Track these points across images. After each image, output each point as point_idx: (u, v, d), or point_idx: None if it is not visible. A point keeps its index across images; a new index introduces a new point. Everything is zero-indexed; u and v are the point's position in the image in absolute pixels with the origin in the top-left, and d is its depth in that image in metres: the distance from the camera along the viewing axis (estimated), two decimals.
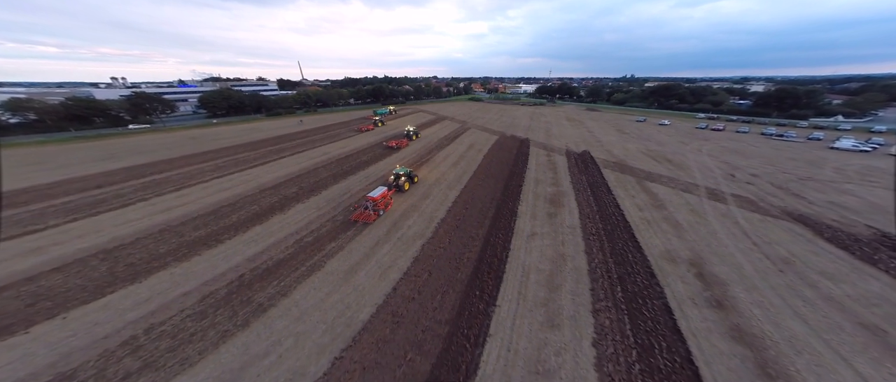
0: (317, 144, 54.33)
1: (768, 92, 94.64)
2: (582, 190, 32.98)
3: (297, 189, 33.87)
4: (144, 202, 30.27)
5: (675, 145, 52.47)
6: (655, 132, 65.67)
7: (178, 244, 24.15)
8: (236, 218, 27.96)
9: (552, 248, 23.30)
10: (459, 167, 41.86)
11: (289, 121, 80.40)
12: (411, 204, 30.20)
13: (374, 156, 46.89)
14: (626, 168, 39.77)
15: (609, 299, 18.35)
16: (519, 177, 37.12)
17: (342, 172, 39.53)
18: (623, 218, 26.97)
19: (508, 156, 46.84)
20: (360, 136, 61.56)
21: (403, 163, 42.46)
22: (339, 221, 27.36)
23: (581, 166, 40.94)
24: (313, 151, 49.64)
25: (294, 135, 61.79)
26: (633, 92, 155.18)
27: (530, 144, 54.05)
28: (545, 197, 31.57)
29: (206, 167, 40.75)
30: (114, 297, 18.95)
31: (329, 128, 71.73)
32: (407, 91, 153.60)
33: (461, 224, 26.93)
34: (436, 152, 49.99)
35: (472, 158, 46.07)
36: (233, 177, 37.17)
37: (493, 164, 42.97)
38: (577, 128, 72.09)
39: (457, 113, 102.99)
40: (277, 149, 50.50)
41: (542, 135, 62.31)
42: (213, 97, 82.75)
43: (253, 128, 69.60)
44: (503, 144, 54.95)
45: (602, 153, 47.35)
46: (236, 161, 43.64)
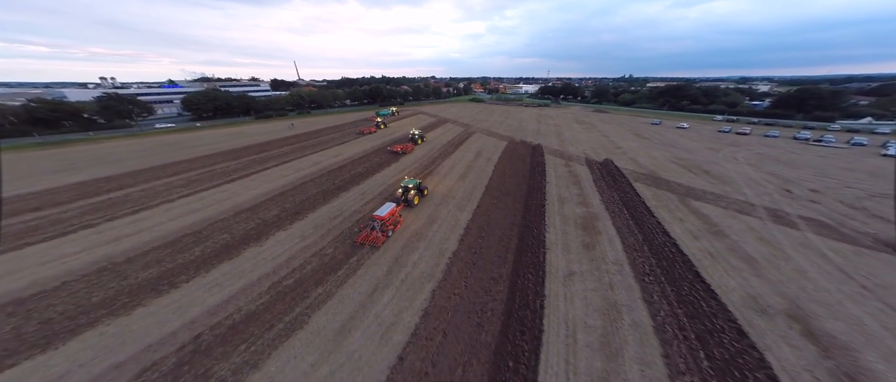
0: (307, 152, 49.16)
1: (788, 92, 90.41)
2: (617, 211, 28.07)
3: (278, 211, 28.73)
4: (90, 229, 25.02)
5: (705, 152, 47.76)
6: (676, 136, 61.02)
7: (118, 289, 19.02)
8: (200, 252, 22.82)
9: (599, 294, 18.39)
10: (469, 180, 36.88)
11: (279, 125, 75.13)
12: (415, 231, 25.17)
13: (372, 166, 41.80)
14: (661, 181, 34.93)
15: (693, 372, 13.57)
16: (539, 194, 32.16)
17: (334, 188, 34.42)
18: (678, 249, 22.07)
19: (522, 166, 41.90)
20: (356, 142, 56.45)
21: (408, 174, 37.49)
22: (327, 256, 22.30)
23: (608, 179, 36.07)
24: (302, 161, 44.47)
25: (283, 141, 56.57)
26: (641, 92, 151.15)
27: (544, 151, 49.16)
28: (575, 221, 26.63)
29: (175, 181, 35.50)
30: (12, 374, 13.90)
31: (322, 132, 66.55)
32: (405, 91, 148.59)
33: (478, 259, 21.95)
34: (440, 161, 44.98)
35: (481, 169, 41.10)
36: (205, 195, 31.95)
37: (506, 176, 38.02)
38: (590, 131, 67.34)
39: (458, 115, 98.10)
40: (262, 158, 45.29)
41: (554, 141, 57.48)
42: (197, 98, 77.36)
43: (238, 133, 64.29)
44: (514, 151, 50.03)
45: (627, 162, 42.53)
46: (212, 173, 38.39)
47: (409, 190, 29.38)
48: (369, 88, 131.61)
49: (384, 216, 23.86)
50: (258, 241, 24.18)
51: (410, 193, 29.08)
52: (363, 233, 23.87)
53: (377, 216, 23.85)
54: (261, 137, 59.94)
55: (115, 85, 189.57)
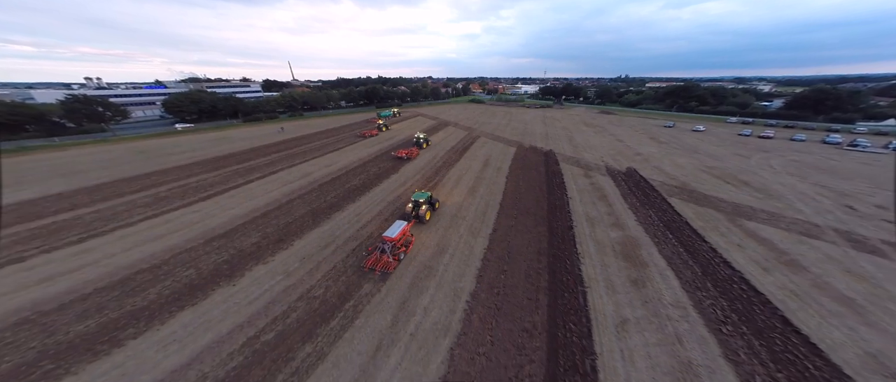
0: (297, 160, 44.74)
1: (803, 93, 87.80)
2: (660, 234, 24.15)
3: (258, 237, 24.38)
4: (18, 265, 20.46)
5: (734, 159, 44.21)
6: (695, 140, 57.57)
7: (39, 352, 14.73)
8: (156, 295, 18.47)
9: (665, 350, 14.51)
10: (479, 195, 32.79)
11: (268, 129, 70.50)
12: (423, 264, 21.00)
13: (369, 178, 37.55)
14: (699, 196, 31.12)
15: None
16: (563, 213, 28.16)
17: (325, 206, 30.12)
18: (750, 286, 18.16)
19: (537, 177, 37.93)
20: (351, 148, 52.11)
21: (417, 187, 33.35)
22: (316, 299, 18.09)
23: (637, 193, 32.19)
24: (291, 172, 40.05)
25: (270, 148, 52.04)
26: (646, 93, 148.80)
27: (558, 159, 45.26)
28: (613, 248, 22.65)
29: (140, 199, 30.93)
30: None
31: (315, 136, 62.07)
32: (403, 92, 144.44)
33: (503, 302, 17.87)
34: (445, 171, 40.84)
35: (492, 180, 37.05)
36: (172, 217, 27.47)
37: (521, 190, 34.00)
38: (602, 135, 63.70)
39: (460, 117, 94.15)
40: (245, 169, 40.79)
41: (566, 146, 53.67)
42: (179, 100, 72.43)
43: (222, 138, 59.60)
44: (525, 159, 46.06)
45: (652, 171, 38.77)
46: (185, 189, 33.86)
47: (421, 204, 26.33)
48: (366, 89, 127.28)
49: (395, 236, 20.88)
50: (231, 279, 19.86)
51: (422, 208, 25.99)
52: (372, 257, 20.68)
53: (387, 237, 20.79)
54: (246, 143, 55.33)
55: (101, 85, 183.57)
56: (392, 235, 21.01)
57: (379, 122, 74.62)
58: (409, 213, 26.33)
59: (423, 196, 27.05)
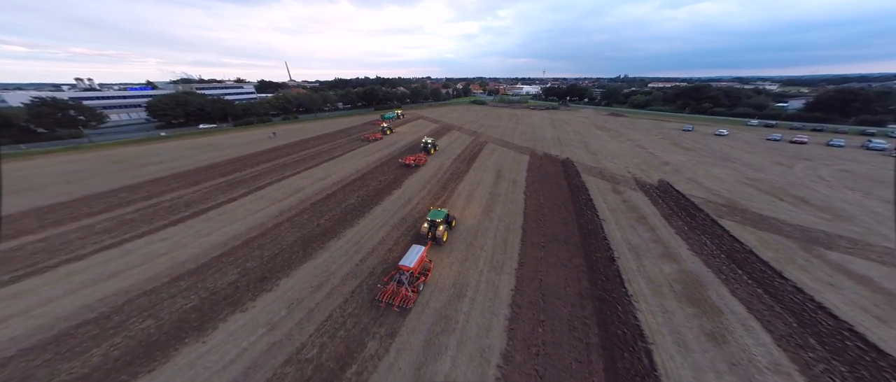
0: (288, 171, 40.80)
1: (827, 93, 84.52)
2: (724, 268, 20.32)
3: (236, 274, 20.41)
4: None
5: (776, 169, 40.54)
6: (723, 146, 53.96)
7: None
8: (100, 358, 14.65)
9: None
10: (496, 214, 28.95)
11: (259, 133, 66.56)
12: (439, 312, 17.10)
13: (370, 194, 33.67)
14: (753, 216, 27.29)
15: None
16: (599, 239, 24.32)
17: (319, 232, 26.18)
18: (870, 345, 14.34)
19: (559, 193, 34.11)
20: (350, 156, 48.22)
21: (432, 205, 29.51)
22: (308, 363, 14.26)
23: (680, 213, 28.39)
24: (280, 187, 36.11)
25: (259, 156, 48.09)
26: (655, 94, 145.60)
27: (578, 170, 41.51)
28: (671, 287, 18.80)
29: (100, 223, 26.88)
30: None
31: (309, 142, 58.15)
32: (402, 94, 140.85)
33: (546, 367, 14.11)
34: (453, 184, 36.99)
35: (508, 196, 33.20)
36: (134, 247, 23.44)
37: (544, 208, 30.17)
38: (619, 140, 60.08)
39: (463, 120, 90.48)
40: (229, 183, 36.81)
41: (583, 153, 49.93)
42: (164, 103, 68.38)
43: (208, 145, 55.62)
44: (542, 170, 42.26)
45: (688, 185, 35.03)
46: (156, 209, 29.83)
47: (438, 224, 23.92)
48: (364, 90, 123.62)
49: (413, 265, 18.78)
50: (201, 333, 15.96)
51: (439, 229, 23.51)
52: (387, 290, 18.06)
53: (404, 266, 18.67)
54: (234, 151, 51.34)
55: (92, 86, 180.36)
56: (409, 264, 18.62)
57: (383, 125, 71.61)
58: (424, 235, 23.74)
59: (439, 214, 24.49)
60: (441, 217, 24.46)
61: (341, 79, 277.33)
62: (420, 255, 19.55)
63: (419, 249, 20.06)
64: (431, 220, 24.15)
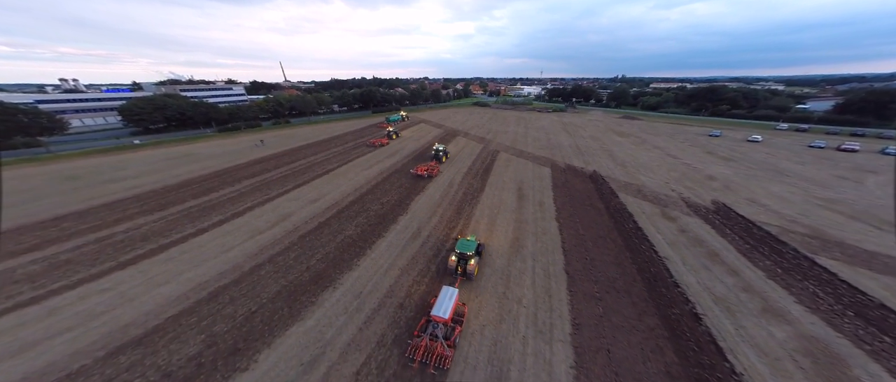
0: (274, 190, 35.27)
1: (858, 95, 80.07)
2: (863, 334, 15.09)
3: (200, 345, 14.93)
4: None
5: (842, 184, 35.45)
6: (763, 154, 48.94)
7: None
8: None
9: None
10: (527, 250, 23.63)
11: (245, 140, 60.90)
12: None
13: (370, 222, 28.19)
14: (859, 254, 21.95)
15: None
16: (668, 288, 19.06)
17: (310, 279, 20.70)
18: None
19: (598, 219, 28.79)
20: (349, 167, 42.80)
21: (429, 228, 24.15)
22: None
23: (758, 247, 23.09)
24: (264, 212, 30.55)
25: (242, 170, 42.47)
26: (666, 95, 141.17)
27: (612, 187, 36.29)
28: (797, 363, 13.58)
29: (23, 267, 21.03)
30: None
31: (301, 151, 52.59)
32: (401, 95, 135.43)
33: None
34: (468, 206, 31.60)
35: (539, 224, 27.87)
36: (62, 303, 17.82)
37: (586, 242, 24.86)
38: (644, 148, 55.00)
39: (468, 124, 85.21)
40: (202, 207, 31.21)
41: (611, 165, 44.74)
42: (139, 107, 62.44)
43: (186, 155, 49.91)
44: (569, 187, 36.98)
45: (751, 207, 29.78)
46: (104, 245, 24.21)
47: (469, 258, 20.51)
48: (361, 92, 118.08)
49: (448, 316, 15.86)
50: None
51: (470, 264, 20.22)
52: (420, 345, 15.14)
53: (437, 317, 15.81)
54: (214, 162, 45.67)
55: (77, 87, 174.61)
56: (443, 314, 15.75)
57: (389, 129, 67.01)
58: (453, 270, 20.50)
59: (469, 246, 21.14)
60: (472, 249, 20.88)
61: (337, 80, 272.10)
62: (454, 302, 16.60)
63: (452, 293, 16.97)
64: (460, 253, 20.64)
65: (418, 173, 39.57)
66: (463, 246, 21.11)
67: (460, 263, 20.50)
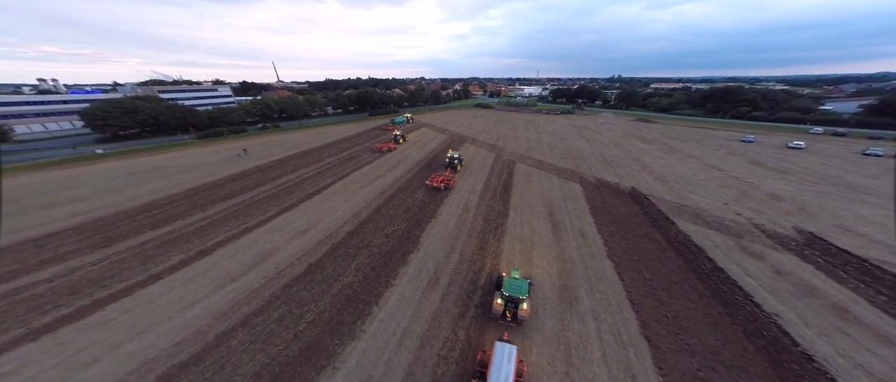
0: (254, 217, 29.45)
1: (893, 96, 76.03)
2: None
3: None
4: None
5: None
6: (818, 165, 43.96)
7: None
8: None
9: None
10: (584, 304, 18.17)
11: (227, 149, 54.88)
12: None
13: (374, 263, 22.51)
14: None
15: None
16: (805, 369, 13.72)
17: (296, 354, 15.00)
18: None
19: (662, 256, 23.33)
20: (347, 182, 37.15)
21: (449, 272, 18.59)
22: None
23: None
24: (238, 248, 24.78)
25: (218, 188, 36.53)
26: (677, 96, 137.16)
27: (661, 209, 31.00)
28: None
29: None
30: None
31: (290, 162, 46.72)
32: (400, 96, 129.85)
33: None
34: (494, 238, 26.02)
35: (588, 264, 22.41)
36: None
37: (658, 291, 19.42)
38: (677, 157, 49.91)
39: (473, 128, 79.84)
40: (157, 243, 25.28)
41: (649, 180, 39.49)
42: (104, 111, 56.05)
43: (154, 168, 43.80)
44: (610, 209, 31.55)
45: (852, 239, 24.45)
46: (9, 302, 18.28)
47: (521, 302, 17.13)
48: (357, 93, 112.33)
49: None
50: None
51: (522, 308, 16.99)
52: None
53: None
54: (185, 178, 39.64)
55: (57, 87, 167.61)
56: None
57: (396, 133, 63.24)
58: (497, 315, 17.27)
59: (520, 288, 17.46)
60: (524, 291, 17.25)
61: (332, 80, 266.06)
62: (513, 364, 13.31)
63: (509, 353, 13.73)
64: (510, 296, 17.08)
65: (434, 185, 36.13)
66: (513, 289, 17.36)
67: (509, 306, 17.07)
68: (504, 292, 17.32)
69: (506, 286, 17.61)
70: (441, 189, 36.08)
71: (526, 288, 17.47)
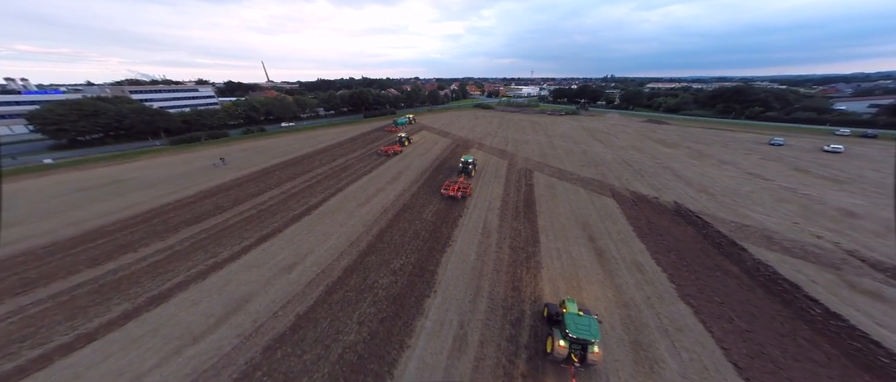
0: (226, 249, 24.19)
1: None
2: None
3: None
4: None
5: None
6: (869, 171, 40.11)
7: None
8: None
9: None
10: (670, 370, 13.57)
11: (203, 157, 49.25)
12: None
13: (383, 323, 17.62)
14: None
15: None
16: None
17: None
18: None
19: (749, 295, 18.73)
20: (344, 201, 32.05)
21: (478, 331, 14.00)
22: None
23: None
24: (200, 294, 19.51)
25: (185, 209, 31.06)
26: (683, 97, 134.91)
27: (720, 230, 26.65)
28: None
29: None
30: None
31: (274, 174, 41.35)
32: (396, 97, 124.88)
33: None
34: (524, 270, 21.36)
35: (655, 306, 17.80)
36: None
37: (764, 344, 14.79)
38: (711, 163, 45.88)
39: (477, 130, 75.26)
40: (91, 288, 19.88)
41: (691, 193, 35.22)
42: (57, 114, 49.72)
43: (112, 182, 38.04)
44: (658, 230, 27.07)
45: None
46: None
47: (591, 344, 14.02)
48: (350, 93, 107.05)
49: None
50: None
51: (594, 351, 13.91)
52: None
53: None
54: (148, 195, 34.02)
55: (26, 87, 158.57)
56: None
57: (401, 135, 60.31)
58: (560, 358, 14.12)
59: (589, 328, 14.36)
60: (595, 333, 14.16)
61: (324, 80, 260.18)
62: None
63: None
64: (576, 337, 14.05)
65: (450, 194, 33.35)
66: (580, 329, 14.20)
67: (574, 349, 14.05)
68: (569, 333, 14.09)
69: (570, 325, 14.42)
70: (459, 198, 33.30)
71: (596, 328, 14.36)
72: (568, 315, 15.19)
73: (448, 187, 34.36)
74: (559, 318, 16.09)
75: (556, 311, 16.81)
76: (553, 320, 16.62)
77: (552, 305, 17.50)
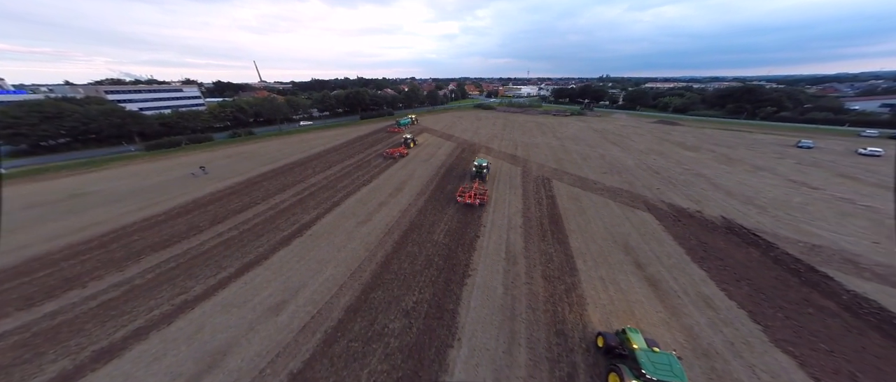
0: (199, 281, 20.09)
1: None
2: None
3: None
4: None
5: None
6: None
7: None
8: None
9: None
10: None
11: (181, 164, 44.87)
12: None
13: (405, 362, 13.82)
14: None
15: None
16: None
17: None
18: None
19: (867, 344, 15.18)
20: (341, 217, 28.11)
21: None
22: None
23: None
24: (165, 349, 15.48)
25: (151, 230, 26.83)
26: (690, 96, 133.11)
27: (790, 252, 23.23)
28: None
29: None
30: None
31: (261, 185, 37.23)
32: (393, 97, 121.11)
33: None
34: (567, 310, 17.70)
35: (746, 358, 14.23)
36: None
37: None
38: (744, 169, 42.71)
39: (481, 133, 71.69)
40: (17, 342, 15.86)
41: (735, 204, 31.86)
42: (14, 117, 44.62)
43: (71, 196, 33.58)
44: (715, 252, 23.53)
45: None
46: None
47: None
48: (346, 93, 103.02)
49: None
50: None
51: None
52: None
53: None
54: (111, 212, 29.73)
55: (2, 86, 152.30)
56: None
57: (406, 136, 58.69)
58: None
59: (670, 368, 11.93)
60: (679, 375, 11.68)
61: (318, 80, 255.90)
62: None
63: None
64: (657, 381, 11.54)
65: (466, 202, 31.23)
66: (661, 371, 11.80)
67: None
68: (646, 373, 11.83)
69: (646, 364, 12.13)
70: (476, 205, 31.15)
71: (680, 368, 12.02)
72: (640, 352, 12.42)
73: (463, 194, 32.28)
74: (621, 350, 14.06)
75: (616, 342, 14.18)
76: (613, 353, 14.32)
77: (609, 335, 14.74)
